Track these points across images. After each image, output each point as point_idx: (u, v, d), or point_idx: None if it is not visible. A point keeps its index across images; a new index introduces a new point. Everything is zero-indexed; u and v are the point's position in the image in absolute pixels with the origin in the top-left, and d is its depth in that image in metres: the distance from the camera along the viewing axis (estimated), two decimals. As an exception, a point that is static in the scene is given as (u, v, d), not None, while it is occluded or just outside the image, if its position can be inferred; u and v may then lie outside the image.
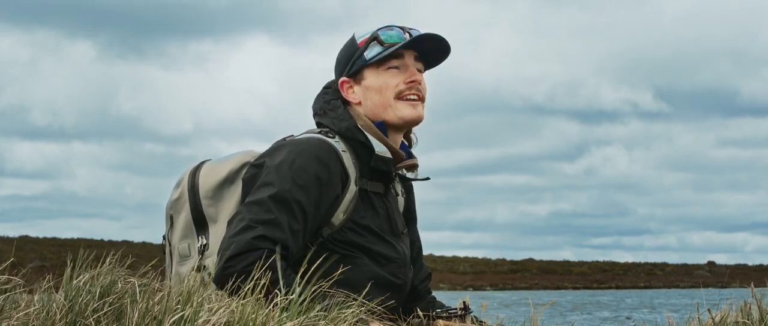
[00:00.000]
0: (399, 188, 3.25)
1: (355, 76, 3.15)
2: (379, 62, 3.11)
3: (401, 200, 3.26)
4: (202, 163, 3.18)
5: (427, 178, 3.26)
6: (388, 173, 3.12)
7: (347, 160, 3.04)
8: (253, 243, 2.83)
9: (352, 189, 3.03)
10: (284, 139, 3.12)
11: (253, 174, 3.02)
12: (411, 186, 3.34)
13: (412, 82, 3.11)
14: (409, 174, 3.23)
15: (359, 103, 3.14)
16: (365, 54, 3.12)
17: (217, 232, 3.04)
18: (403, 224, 3.19)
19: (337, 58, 3.20)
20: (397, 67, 3.11)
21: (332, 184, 2.98)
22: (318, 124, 3.17)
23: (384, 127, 3.12)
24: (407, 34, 3.12)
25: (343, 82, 3.16)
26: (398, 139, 3.17)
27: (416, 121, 3.15)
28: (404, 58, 3.12)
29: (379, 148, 3.06)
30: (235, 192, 3.07)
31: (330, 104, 3.15)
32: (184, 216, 3.11)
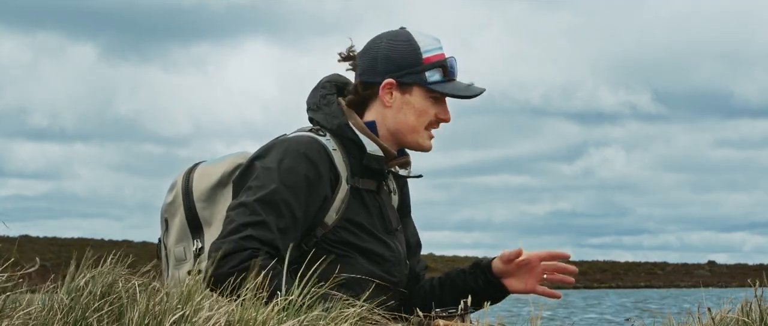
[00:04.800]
0: (392, 185, 3.24)
1: (404, 85, 3.09)
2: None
3: (395, 197, 3.25)
4: (196, 165, 3.17)
5: (420, 176, 3.25)
6: (380, 171, 3.12)
7: (338, 158, 3.03)
8: (241, 243, 2.84)
9: (344, 188, 3.02)
10: (277, 138, 3.11)
11: (242, 175, 3.03)
12: (405, 183, 3.33)
13: (443, 119, 3.13)
14: (402, 172, 3.21)
15: (390, 108, 3.10)
16: (427, 74, 3.07)
17: (212, 235, 3.04)
18: (397, 221, 3.18)
19: (387, 54, 3.09)
20: (437, 98, 3.11)
21: (322, 184, 2.97)
22: (310, 120, 3.14)
23: (374, 127, 3.11)
24: (455, 67, 3.12)
25: (389, 82, 3.08)
26: (393, 143, 3.15)
27: (426, 151, 3.16)
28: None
29: (371, 147, 3.05)
30: (229, 194, 3.06)
31: (325, 99, 3.11)
32: (179, 219, 3.11)
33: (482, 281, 3.23)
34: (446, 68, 3.09)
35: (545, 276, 3.20)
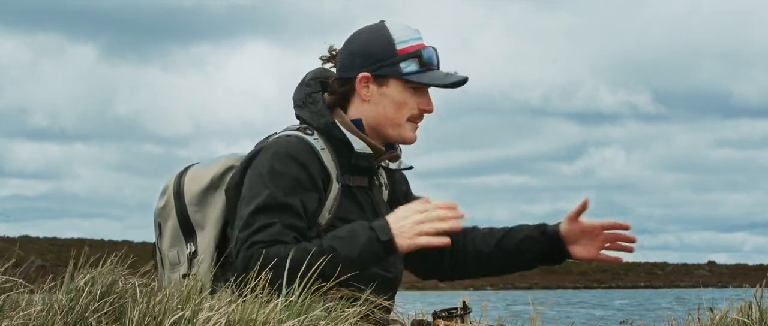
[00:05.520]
0: (383, 179, 3.23)
1: (380, 78, 3.06)
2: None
3: (386, 192, 3.24)
4: (187, 168, 3.16)
5: (411, 167, 3.24)
6: (370, 167, 3.11)
7: (327, 157, 3.02)
8: (246, 255, 2.84)
9: (335, 186, 3.01)
10: (267, 138, 3.10)
11: (235, 183, 3.02)
12: (401, 175, 3.32)
13: (426, 110, 3.09)
14: (393, 165, 3.19)
15: (367, 102, 3.08)
16: (402, 65, 3.04)
17: (205, 239, 3.04)
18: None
19: (362, 48, 3.07)
20: (417, 89, 3.07)
21: (314, 185, 2.96)
22: (297, 117, 3.13)
23: (361, 124, 3.09)
24: (436, 58, 3.08)
25: (364, 76, 3.06)
26: (381, 140, 3.14)
27: (410, 144, 3.14)
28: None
29: (358, 145, 3.04)
30: (221, 197, 3.06)
31: (310, 97, 3.09)
32: (172, 223, 3.10)
33: (548, 248, 3.27)
34: (422, 58, 3.06)
35: (607, 244, 3.24)
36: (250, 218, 2.89)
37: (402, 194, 3.29)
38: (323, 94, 3.11)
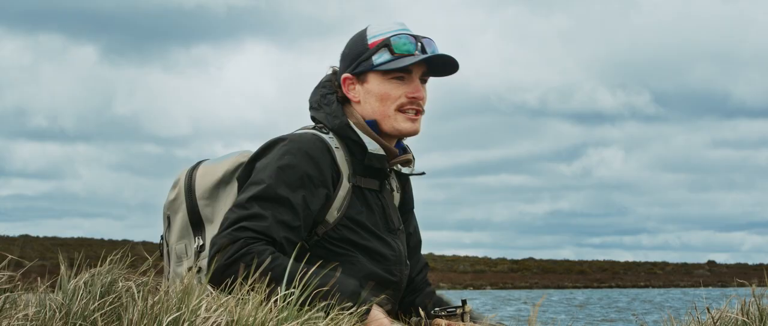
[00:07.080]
0: (394, 183, 3.24)
1: (359, 76, 3.10)
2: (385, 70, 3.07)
3: (397, 195, 3.25)
4: (199, 163, 3.19)
5: (423, 173, 3.25)
6: (382, 170, 3.11)
7: (340, 156, 3.03)
8: (233, 235, 2.83)
9: (346, 186, 3.02)
10: (279, 136, 3.11)
11: (246, 173, 3.03)
12: (408, 180, 3.33)
13: (414, 97, 3.08)
14: (405, 170, 3.20)
15: (359, 102, 3.11)
16: (374, 58, 3.06)
17: (213, 232, 3.04)
18: (399, 220, 3.18)
19: (345, 51, 3.14)
20: (402, 78, 3.07)
21: (323, 182, 2.97)
22: (312, 118, 3.15)
23: (376, 125, 3.10)
24: (419, 44, 3.07)
25: (345, 78, 3.11)
26: (392, 139, 3.15)
27: (412, 135, 3.13)
28: (411, 70, 3.08)
29: (372, 146, 3.05)
30: (231, 192, 3.08)
31: (325, 99, 3.12)
32: (181, 216, 3.13)
33: None
34: (392, 46, 3.06)
35: None
36: (245, 202, 2.89)
37: (411, 200, 3.30)
38: (338, 96, 3.13)
